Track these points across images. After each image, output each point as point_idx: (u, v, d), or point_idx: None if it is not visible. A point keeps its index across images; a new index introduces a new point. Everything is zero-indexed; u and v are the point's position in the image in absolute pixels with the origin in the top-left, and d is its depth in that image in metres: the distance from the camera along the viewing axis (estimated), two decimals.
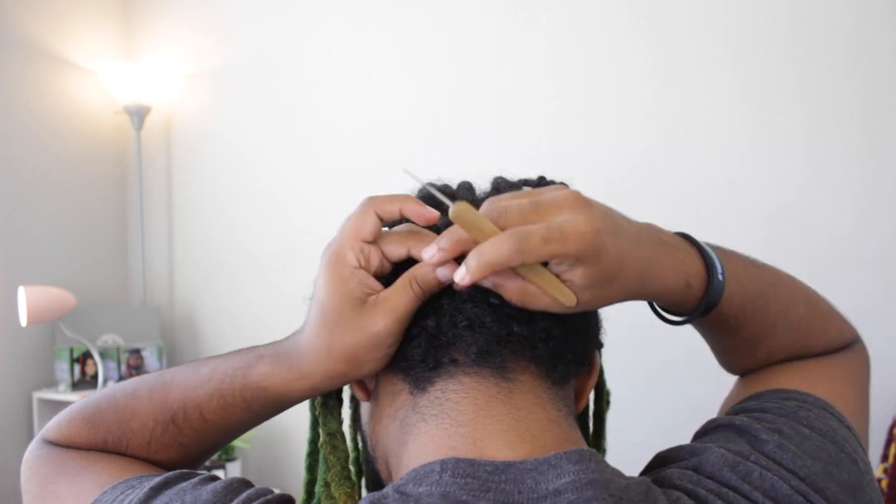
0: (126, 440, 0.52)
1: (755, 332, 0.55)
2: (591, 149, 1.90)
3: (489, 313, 0.44)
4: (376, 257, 0.45)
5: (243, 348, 0.51)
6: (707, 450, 0.45)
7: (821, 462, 0.45)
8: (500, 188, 0.52)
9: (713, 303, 0.49)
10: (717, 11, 1.75)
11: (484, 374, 0.44)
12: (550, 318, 0.45)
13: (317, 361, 0.45)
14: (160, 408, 0.51)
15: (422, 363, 0.45)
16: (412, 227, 0.46)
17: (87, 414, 0.54)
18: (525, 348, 0.45)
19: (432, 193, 0.46)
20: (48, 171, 2.41)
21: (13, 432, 2.29)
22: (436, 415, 0.44)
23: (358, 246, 0.44)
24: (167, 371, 0.53)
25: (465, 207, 0.40)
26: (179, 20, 2.57)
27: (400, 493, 0.40)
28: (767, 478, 0.43)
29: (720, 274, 0.49)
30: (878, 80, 1.59)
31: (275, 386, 0.47)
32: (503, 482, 0.39)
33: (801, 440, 0.46)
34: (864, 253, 1.62)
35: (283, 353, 0.47)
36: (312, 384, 0.47)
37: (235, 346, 0.53)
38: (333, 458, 0.51)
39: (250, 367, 0.48)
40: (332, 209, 2.31)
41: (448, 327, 0.44)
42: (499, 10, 2.02)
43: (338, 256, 0.44)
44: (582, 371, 0.49)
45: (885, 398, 1.53)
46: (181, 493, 0.44)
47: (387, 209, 0.45)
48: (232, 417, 0.50)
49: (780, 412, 0.49)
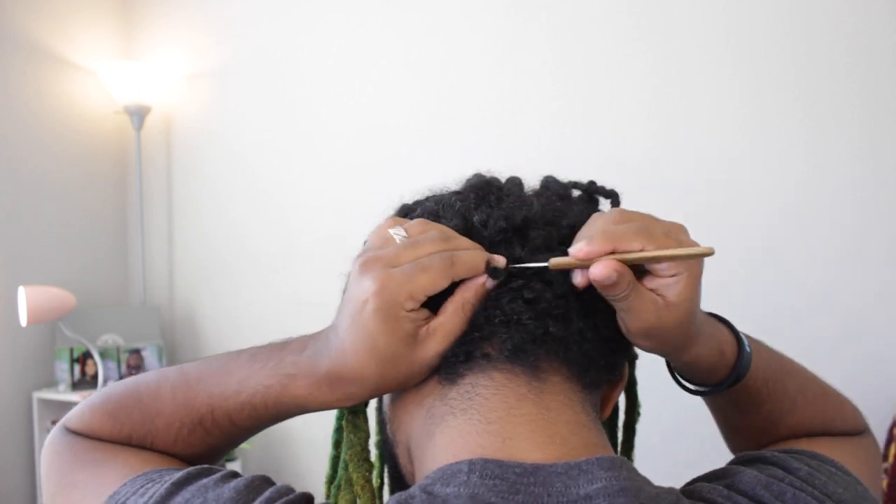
0: (151, 437, 0.52)
1: (777, 406, 0.56)
2: (591, 149, 1.90)
3: (526, 310, 0.44)
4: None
5: (264, 349, 0.50)
6: (740, 472, 0.45)
7: (850, 493, 0.46)
8: (548, 185, 0.52)
9: (743, 372, 0.51)
10: (717, 11, 1.75)
11: (516, 372, 0.44)
12: (585, 321, 0.45)
13: (366, 387, 0.45)
14: (185, 410, 0.51)
15: (453, 356, 0.45)
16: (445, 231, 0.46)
17: (111, 408, 0.53)
18: (559, 349, 0.45)
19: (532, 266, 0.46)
20: (48, 171, 2.41)
21: (13, 432, 2.29)
22: (465, 409, 0.44)
23: (421, 299, 0.43)
24: (188, 367, 0.53)
25: (555, 261, 0.43)
26: (179, 20, 2.57)
27: (427, 493, 0.39)
28: (801, 497, 0.43)
29: (748, 347, 0.51)
30: (878, 80, 1.59)
31: (314, 404, 0.47)
32: (532, 485, 0.39)
33: (829, 474, 0.47)
34: (864, 253, 1.62)
35: (321, 377, 0.46)
36: (356, 402, 0.47)
37: (235, 346, 0.53)
38: (354, 438, 0.51)
39: (285, 387, 0.47)
40: (332, 209, 2.33)
41: (483, 322, 0.44)
42: (499, 10, 2.02)
43: (393, 300, 0.42)
44: (612, 379, 0.49)
45: (885, 398, 1.53)
46: (203, 489, 0.43)
47: (466, 276, 0.44)
48: (261, 423, 0.51)
49: (806, 454, 0.50)
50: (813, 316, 1.66)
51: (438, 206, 0.49)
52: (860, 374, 1.59)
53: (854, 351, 1.61)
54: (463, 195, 0.50)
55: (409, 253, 0.44)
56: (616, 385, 0.50)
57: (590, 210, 0.51)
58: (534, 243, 0.46)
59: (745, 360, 0.50)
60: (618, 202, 0.54)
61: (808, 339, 1.67)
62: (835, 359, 1.64)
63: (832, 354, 1.64)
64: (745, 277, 1.72)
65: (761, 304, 1.71)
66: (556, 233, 0.47)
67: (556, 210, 0.48)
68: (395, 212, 0.53)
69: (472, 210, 0.48)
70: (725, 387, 0.51)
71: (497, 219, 0.46)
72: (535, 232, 0.46)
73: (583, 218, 0.48)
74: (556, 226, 0.47)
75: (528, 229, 0.46)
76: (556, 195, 0.51)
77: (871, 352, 1.60)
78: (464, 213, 0.48)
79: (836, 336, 1.63)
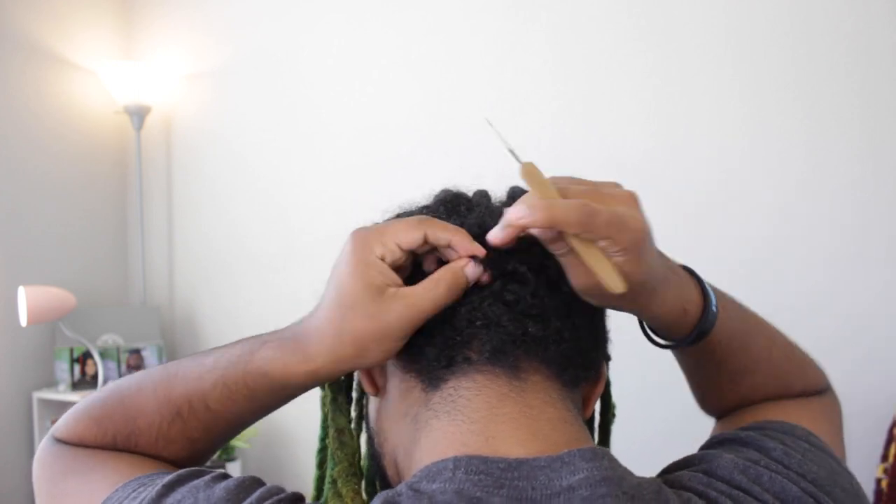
0: (135, 438, 0.52)
1: (739, 366, 0.57)
2: (591, 149, 1.90)
3: (505, 312, 0.45)
4: (402, 260, 0.45)
5: (249, 336, 0.50)
6: (717, 456, 0.46)
7: (825, 469, 0.47)
8: (515, 195, 0.52)
9: (705, 331, 0.51)
10: (717, 11, 1.75)
11: (496, 373, 0.45)
12: (563, 320, 0.46)
13: (323, 343, 0.45)
14: (165, 402, 0.51)
15: (435, 361, 0.45)
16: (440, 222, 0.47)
17: (95, 413, 0.54)
18: (538, 349, 0.45)
19: (510, 150, 0.47)
20: (48, 171, 2.40)
21: (13, 432, 2.29)
22: (448, 411, 0.44)
23: (391, 245, 0.44)
24: (171, 364, 0.53)
25: (533, 166, 0.43)
26: (179, 20, 2.57)
27: (413, 490, 0.40)
28: (777, 480, 0.44)
29: (714, 306, 0.51)
30: (878, 80, 1.59)
31: (277, 370, 0.47)
32: (516, 479, 0.39)
33: (803, 451, 0.48)
34: (864, 253, 1.62)
35: (287, 338, 0.47)
36: (315, 367, 0.46)
37: None
38: (341, 454, 0.51)
39: (253, 352, 0.48)
40: (332, 209, 2.33)
41: (464, 326, 0.45)
42: (499, 10, 2.02)
43: (364, 243, 0.44)
44: (590, 377, 0.50)
45: (885, 398, 1.53)
46: (194, 490, 0.44)
47: (438, 235, 0.45)
48: (236, 406, 0.50)
49: (780, 429, 0.51)
50: (813, 316, 1.66)
51: None
52: (860, 374, 1.59)
53: (854, 351, 1.61)
54: (433, 208, 0.51)
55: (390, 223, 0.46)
56: (596, 384, 0.51)
57: None
58: (507, 248, 0.46)
59: (708, 320, 0.51)
60: None
61: (808, 339, 1.66)
62: (835, 359, 1.64)
63: (832, 354, 1.64)
64: (745, 277, 1.71)
65: (761, 304, 1.69)
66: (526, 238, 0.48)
67: None
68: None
69: (445, 221, 0.48)
70: (686, 343, 0.52)
71: (470, 227, 0.47)
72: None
73: None
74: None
75: None
76: None
77: (871, 352, 1.60)
78: None
79: (836, 336, 1.63)
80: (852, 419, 1.73)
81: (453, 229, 0.45)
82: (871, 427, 1.55)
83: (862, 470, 1.58)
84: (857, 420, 1.58)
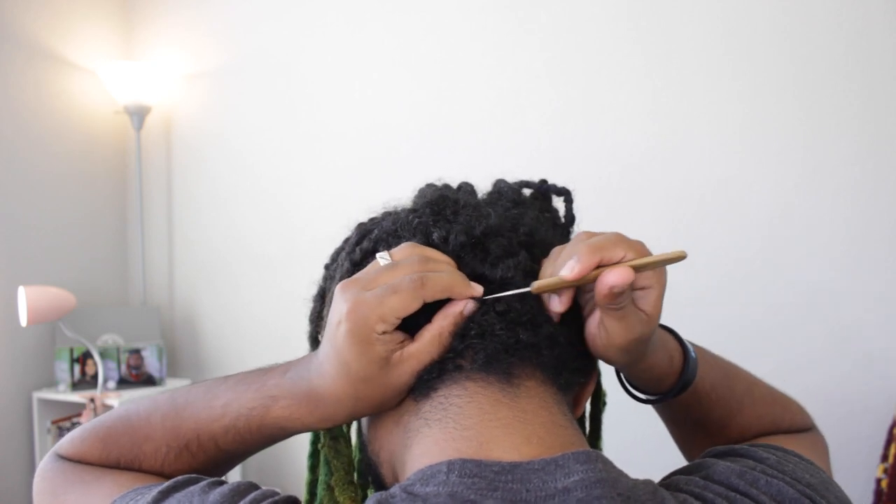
0: (139, 462, 0.53)
1: (726, 410, 0.58)
2: (591, 149, 1.90)
3: (498, 321, 0.45)
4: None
5: (250, 374, 0.51)
6: (714, 464, 0.46)
7: (817, 478, 0.48)
8: (501, 191, 0.53)
9: (691, 377, 0.52)
10: (716, 11, 1.75)
11: (489, 380, 0.45)
12: (556, 325, 0.46)
13: (342, 406, 0.46)
14: (173, 435, 0.52)
15: (426, 373, 0.45)
16: (423, 251, 0.47)
17: (101, 434, 0.55)
18: (531, 355, 0.45)
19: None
20: (48, 171, 2.41)
21: (13, 432, 2.30)
22: (440, 419, 0.44)
23: (392, 320, 0.43)
24: (178, 394, 0.54)
25: (538, 284, 0.45)
26: (179, 20, 2.57)
27: (407, 492, 0.40)
28: (774, 483, 0.44)
29: (692, 352, 0.52)
30: (878, 80, 1.59)
31: (295, 426, 0.49)
32: (510, 482, 0.39)
33: (795, 463, 0.49)
34: (864, 253, 1.62)
35: (301, 397, 0.47)
36: (336, 423, 0.48)
37: (236, 346, 0.54)
38: (337, 462, 0.51)
39: (267, 408, 0.49)
40: (332, 209, 2.32)
41: (458, 340, 0.45)
42: (498, 10, 2.02)
43: (364, 323, 0.43)
44: (584, 381, 0.50)
45: (885, 398, 1.53)
46: (189, 496, 0.44)
47: (437, 295, 0.44)
48: (246, 447, 0.52)
49: (772, 446, 0.51)
50: (813, 316, 1.66)
51: (396, 225, 0.50)
52: (860, 374, 1.59)
53: (854, 351, 1.61)
54: (419, 212, 0.50)
55: (385, 276, 0.44)
56: (587, 385, 0.51)
57: (544, 209, 0.54)
58: (495, 254, 0.47)
59: (691, 366, 0.52)
60: (570, 199, 0.55)
61: (808, 339, 1.67)
62: (835, 359, 1.64)
63: (832, 355, 1.64)
64: (745, 278, 1.72)
65: (761, 305, 1.71)
66: (515, 239, 0.48)
67: (512, 218, 0.49)
68: (353, 233, 0.54)
69: (431, 227, 0.48)
70: (674, 393, 0.53)
71: (457, 233, 0.47)
72: (495, 242, 0.47)
73: (539, 222, 0.50)
74: (515, 232, 0.48)
75: (487, 241, 0.47)
76: (509, 201, 0.52)
77: (871, 352, 1.60)
78: (423, 230, 0.48)
79: (835, 336, 1.63)
80: (852, 419, 1.75)
81: (448, 280, 0.45)
82: (871, 427, 1.55)
83: (862, 470, 1.59)
84: (857, 420, 1.59)
